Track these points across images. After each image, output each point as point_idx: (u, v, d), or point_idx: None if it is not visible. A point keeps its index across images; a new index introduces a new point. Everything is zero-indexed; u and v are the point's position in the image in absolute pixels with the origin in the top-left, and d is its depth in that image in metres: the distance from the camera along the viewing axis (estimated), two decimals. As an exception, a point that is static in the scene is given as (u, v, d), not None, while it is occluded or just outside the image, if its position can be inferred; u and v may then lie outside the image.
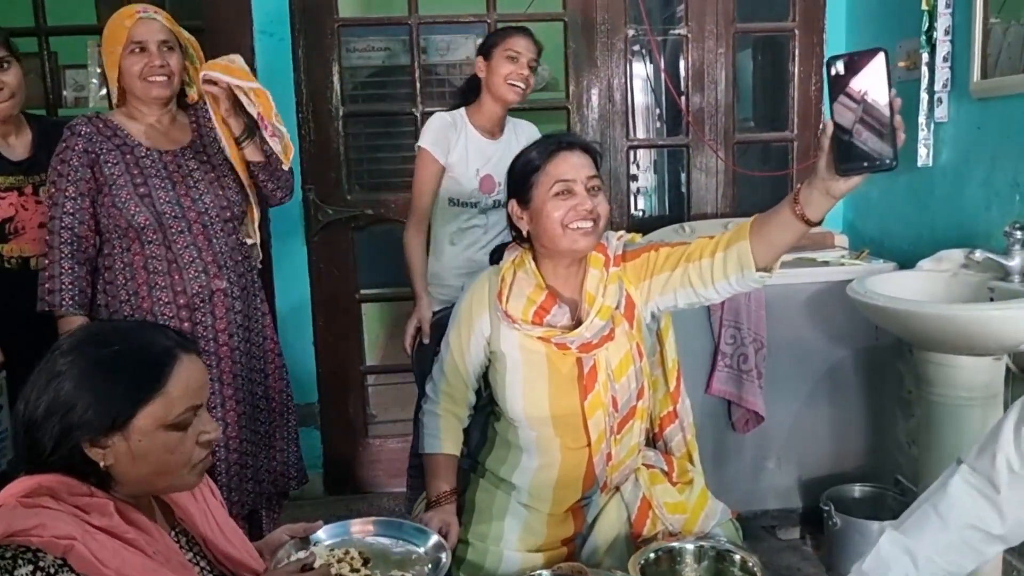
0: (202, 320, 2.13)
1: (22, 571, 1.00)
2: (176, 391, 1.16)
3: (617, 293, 1.71)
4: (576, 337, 1.68)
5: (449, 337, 1.84)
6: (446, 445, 1.83)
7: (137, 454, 1.14)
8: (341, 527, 1.49)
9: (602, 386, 1.71)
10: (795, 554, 2.65)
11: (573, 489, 1.79)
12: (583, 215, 1.63)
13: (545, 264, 1.75)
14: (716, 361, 2.61)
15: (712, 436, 2.66)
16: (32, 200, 2.23)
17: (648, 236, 2.75)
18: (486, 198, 2.44)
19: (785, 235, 1.50)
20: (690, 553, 1.67)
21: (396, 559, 1.43)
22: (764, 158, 3.48)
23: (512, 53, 2.37)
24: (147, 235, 2.07)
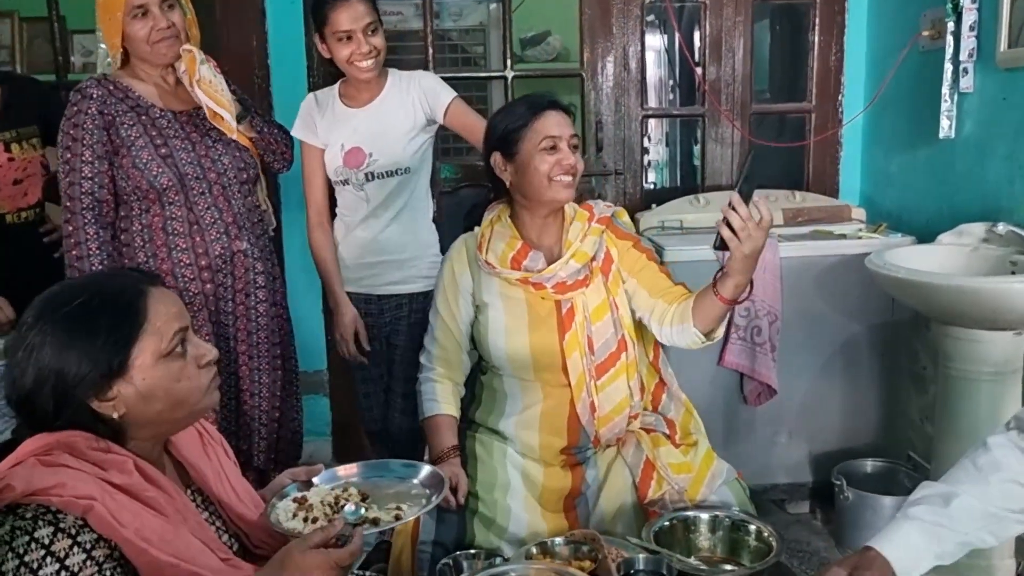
0: (223, 281, 2.12)
1: (42, 532, 1.00)
2: (159, 320, 1.16)
3: (596, 245, 1.83)
4: (551, 275, 1.80)
5: (436, 304, 1.94)
6: (444, 407, 1.89)
7: (146, 393, 1.14)
8: (332, 474, 1.52)
9: (579, 326, 1.81)
10: (804, 528, 2.64)
11: (558, 433, 1.84)
12: (567, 169, 1.77)
13: (522, 216, 1.87)
14: (729, 333, 2.58)
15: (723, 409, 2.64)
16: (4, 157, 2.21)
17: (651, 216, 2.72)
18: (355, 172, 2.23)
19: (709, 308, 1.71)
20: (704, 522, 1.66)
21: (392, 494, 1.46)
22: (780, 129, 3.43)
23: (340, 34, 2.14)
24: (168, 196, 2.04)
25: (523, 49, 4.09)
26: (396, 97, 2.25)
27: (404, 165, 2.23)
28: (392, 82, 2.26)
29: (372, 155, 2.21)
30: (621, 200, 3.11)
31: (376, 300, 2.32)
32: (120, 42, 2.01)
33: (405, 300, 2.32)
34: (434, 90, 2.26)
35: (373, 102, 2.25)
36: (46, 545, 1.00)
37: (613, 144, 3.09)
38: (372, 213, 2.25)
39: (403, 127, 2.23)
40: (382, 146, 2.21)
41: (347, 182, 2.25)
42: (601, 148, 3.08)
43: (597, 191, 3.11)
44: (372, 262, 2.28)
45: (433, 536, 1.72)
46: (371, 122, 2.22)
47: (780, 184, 2.99)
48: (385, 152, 2.22)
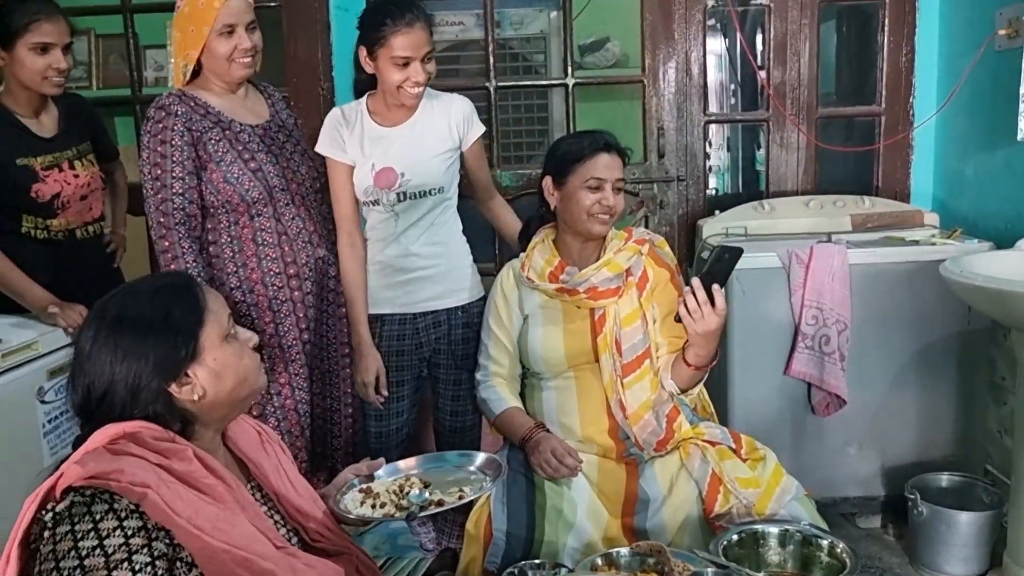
0: (311, 289, 2.17)
1: (97, 508, 1.06)
2: (214, 305, 1.27)
3: (631, 261, 1.96)
4: (583, 279, 1.93)
5: (488, 323, 2.08)
6: (513, 401, 2.02)
7: (218, 371, 1.23)
8: (393, 467, 1.62)
9: (609, 331, 1.94)
10: (876, 543, 2.56)
11: (599, 426, 1.93)
12: (605, 209, 1.92)
13: (564, 238, 2.02)
14: (796, 342, 2.53)
15: (790, 419, 2.59)
16: (71, 175, 2.27)
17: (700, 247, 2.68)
18: (386, 193, 2.13)
19: (680, 368, 1.87)
20: (774, 536, 1.62)
21: (452, 480, 1.55)
22: (848, 133, 3.35)
23: (400, 58, 2.02)
24: (257, 208, 2.09)
25: (582, 56, 4.08)
26: (430, 118, 2.17)
27: (438, 185, 2.15)
28: (426, 103, 2.17)
29: (404, 175, 2.12)
30: (683, 206, 3.08)
31: (412, 320, 2.21)
32: (197, 55, 2.04)
33: (443, 316, 2.22)
34: (471, 119, 2.21)
35: (406, 122, 2.15)
36: (96, 521, 1.05)
37: (675, 150, 3.05)
38: (404, 232, 2.17)
39: (437, 148, 2.16)
40: (415, 167, 2.13)
41: (377, 202, 2.15)
42: (663, 155, 3.05)
43: (659, 198, 3.08)
44: (405, 280, 2.19)
45: (505, 527, 1.75)
46: (404, 143, 2.14)
47: (849, 189, 2.92)
48: (418, 173, 2.13)
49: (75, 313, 2.10)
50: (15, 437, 1.89)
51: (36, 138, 2.23)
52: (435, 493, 1.49)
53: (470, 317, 2.21)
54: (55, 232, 2.26)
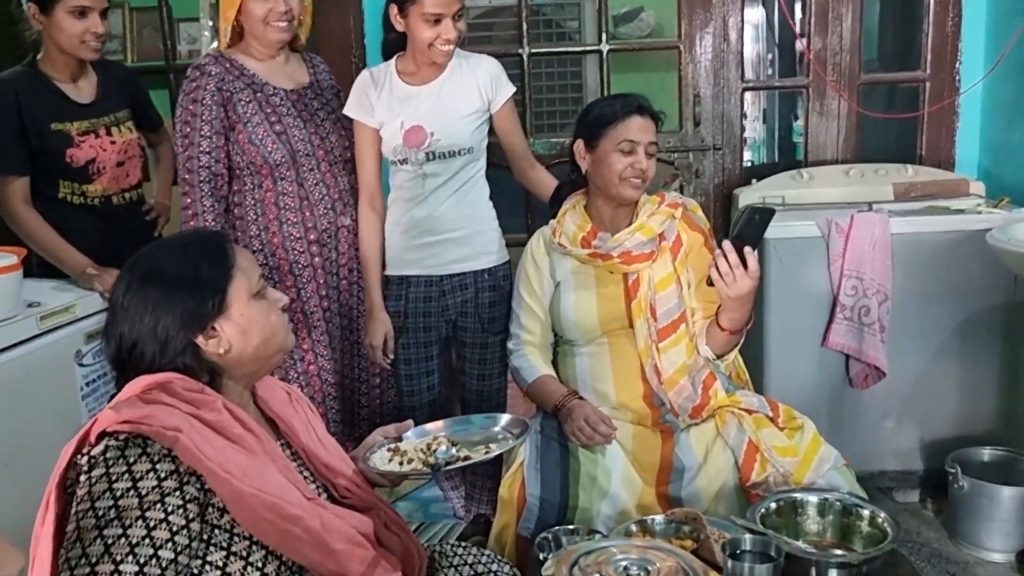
0: (328, 255, 2.17)
1: (131, 452, 1.08)
2: (244, 263, 1.28)
3: (664, 225, 1.92)
4: (616, 244, 1.90)
5: (519, 292, 2.05)
6: (544, 369, 2.00)
7: (244, 327, 1.25)
8: (420, 430, 1.62)
9: (643, 296, 1.91)
10: (914, 518, 2.52)
11: (633, 392, 1.91)
12: (637, 173, 1.88)
13: (596, 204, 1.99)
14: (834, 313, 2.48)
15: (827, 391, 2.55)
16: (107, 141, 2.28)
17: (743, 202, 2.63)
18: (415, 152, 2.12)
19: (714, 333, 1.83)
20: (813, 505, 1.59)
21: (479, 439, 1.58)
22: (891, 100, 3.26)
23: (429, 16, 2.00)
24: (280, 172, 2.10)
25: (616, 27, 4.01)
26: (459, 77, 2.15)
27: (467, 145, 2.14)
28: (455, 62, 2.15)
29: (434, 134, 2.10)
30: (719, 176, 3.03)
31: (438, 282, 2.19)
32: (235, 16, 2.07)
33: (470, 279, 2.20)
34: (499, 79, 2.18)
35: (435, 81, 2.14)
36: (129, 464, 1.07)
37: (711, 118, 3.00)
38: (432, 192, 2.15)
39: (466, 108, 2.14)
40: (444, 126, 2.11)
41: (405, 161, 2.13)
42: (699, 123, 2.99)
43: (695, 167, 3.03)
44: (432, 241, 2.17)
45: (539, 493, 1.74)
46: (433, 101, 2.12)
47: (891, 157, 2.85)
48: (447, 132, 2.11)
49: (111, 278, 2.11)
50: (54, 399, 1.91)
51: (73, 103, 2.24)
52: (462, 450, 1.52)
53: (496, 280, 2.20)
54: (92, 198, 2.27)
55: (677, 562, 1.39)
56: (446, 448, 1.51)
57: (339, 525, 1.24)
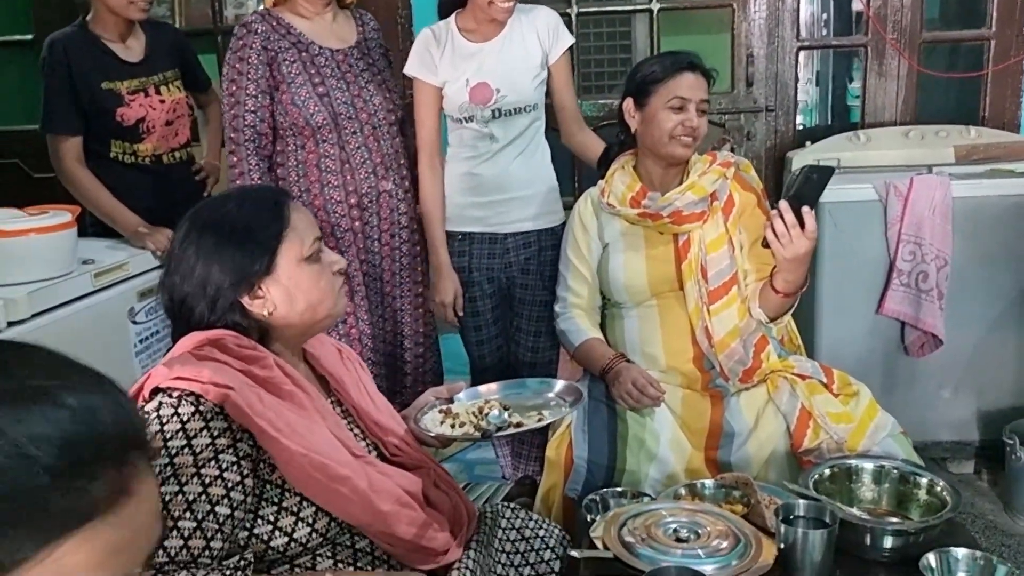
0: (370, 220, 2.16)
1: (183, 410, 1.09)
2: (300, 224, 1.25)
3: (716, 184, 1.86)
4: (667, 203, 1.84)
5: (567, 254, 2.01)
6: (591, 332, 1.97)
7: (291, 291, 1.23)
8: (473, 392, 1.62)
9: (694, 257, 1.86)
10: (969, 489, 2.46)
11: (683, 357, 1.87)
12: (688, 131, 1.83)
13: (645, 163, 1.93)
14: (891, 279, 2.41)
15: (881, 359, 2.49)
16: (156, 100, 2.29)
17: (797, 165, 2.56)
18: (481, 109, 2.10)
19: (768, 295, 1.77)
20: (868, 472, 1.55)
21: (531, 405, 1.55)
22: (953, 59, 3.14)
23: None
24: (322, 134, 2.09)
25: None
26: (519, 32, 2.13)
27: (532, 102, 2.13)
28: (515, 17, 2.12)
29: (500, 91, 2.09)
30: (772, 138, 2.95)
31: (502, 239, 2.19)
32: None
33: (533, 237, 2.21)
34: (557, 29, 2.15)
35: (497, 37, 2.12)
36: (183, 422, 1.08)
37: (764, 79, 2.92)
38: (499, 151, 2.14)
39: (529, 62, 2.13)
40: (510, 82, 2.11)
41: (471, 119, 2.12)
42: (751, 84, 2.92)
43: (747, 129, 2.95)
44: (499, 200, 2.16)
45: (586, 455, 1.73)
46: (497, 57, 2.11)
47: (952, 119, 2.75)
48: (513, 88, 2.11)
49: (163, 236, 2.13)
50: (108, 355, 1.95)
51: (122, 63, 2.25)
52: (514, 416, 1.49)
53: (557, 239, 2.17)
54: (142, 157, 2.29)
55: (727, 526, 1.38)
56: (498, 413, 1.48)
57: (387, 485, 1.24)
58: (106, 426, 0.57)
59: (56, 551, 0.52)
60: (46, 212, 1.88)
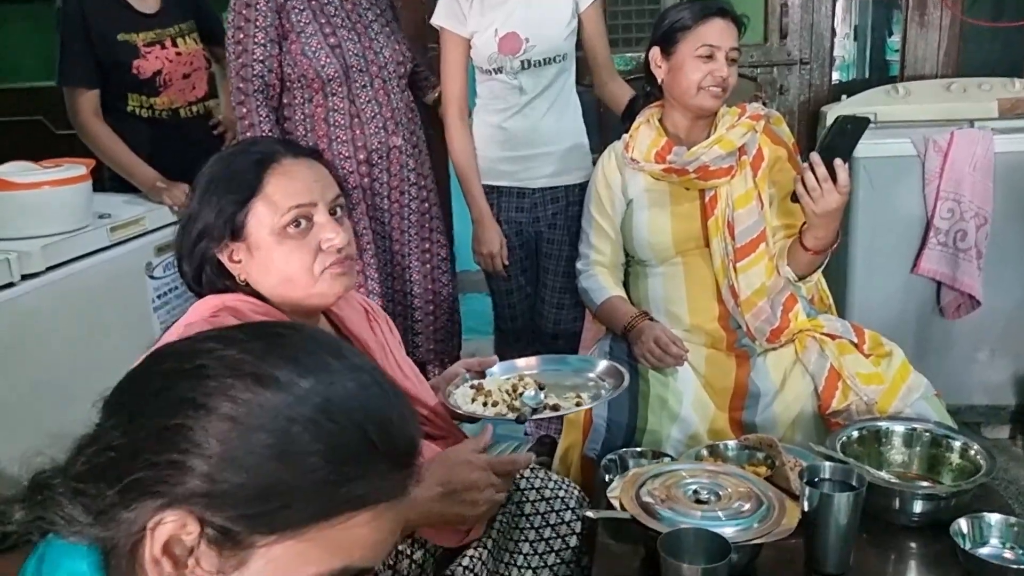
0: (379, 176, 2.11)
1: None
2: (276, 193, 1.15)
3: (744, 137, 1.78)
4: (693, 158, 1.76)
5: (589, 210, 1.95)
6: (614, 289, 1.91)
7: (260, 264, 1.16)
8: (509, 365, 1.53)
9: (720, 213, 1.79)
10: (1003, 454, 2.40)
11: (707, 315, 1.82)
12: (718, 81, 1.74)
13: (672, 116, 1.86)
14: (927, 237, 2.34)
15: (915, 320, 2.42)
16: (173, 52, 2.26)
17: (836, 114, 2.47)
18: (510, 59, 2.07)
19: (797, 253, 1.71)
20: (899, 435, 1.49)
21: (569, 384, 1.46)
22: (998, 7, 3.00)
23: None
24: (332, 87, 2.03)
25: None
26: None
27: (561, 52, 2.09)
28: None
29: (529, 41, 2.05)
30: (806, 92, 2.85)
31: (531, 194, 2.18)
32: None
33: (561, 192, 2.18)
34: None
35: None
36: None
37: (799, 30, 2.81)
38: (528, 103, 2.10)
39: (559, 11, 2.08)
40: (540, 31, 2.06)
41: (500, 70, 2.08)
42: (785, 35, 2.81)
43: (779, 82, 2.86)
44: (528, 155, 2.13)
45: (606, 414, 1.69)
46: (526, 6, 2.06)
47: (996, 71, 2.63)
48: (543, 38, 2.06)
49: (180, 191, 2.11)
50: (126, 311, 1.94)
51: (138, 14, 2.22)
52: (550, 396, 1.41)
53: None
54: (159, 111, 2.27)
55: (750, 488, 1.34)
56: (533, 393, 1.40)
57: None
58: (413, 427, 0.66)
59: (354, 519, 0.60)
60: (60, 165, 1.86)
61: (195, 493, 0.57)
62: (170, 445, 0.57)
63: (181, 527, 0.57)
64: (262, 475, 0.57)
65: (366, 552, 0.62)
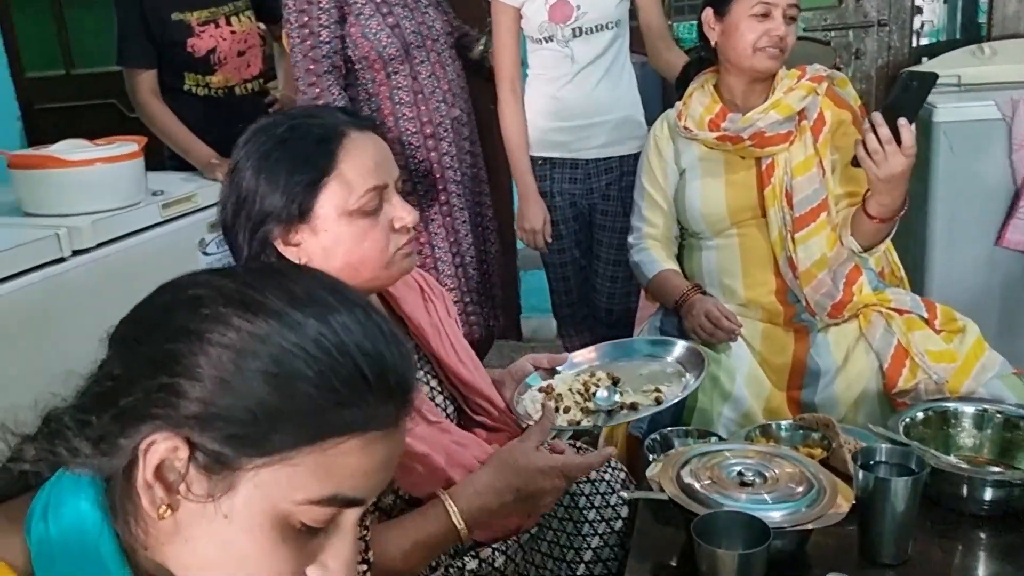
0: (448, 150, 2.12)
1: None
2: (350, 171, 1.06)
3: (804, 101, 1.68)
4: (748, 124, 1.67)
5: (642, 182, 1.87)
6: (666, 263, 1.83)
7: (328, 247, 1.07)
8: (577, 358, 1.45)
9: (778, 181, 1.70)
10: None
11: (764, 288, 1.73)
12: (774, 41, 1.65)
13: (727, 81, 1.76)
14: (1015, 207, 2.19)
15: (999, 296, 2.29)
16: (227, 30, 2.27)
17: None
18: (560, 28, 2.02)
19: (861, 222, 1.60)
20: (969, 417, 1.38)
21: (646, 375, 1.38)
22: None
23: None
24: (393, 66, 2.04)
25: None
26: None
27: (613, 18, 2.03)
28: None
29: (580, 8, 2.01)
30: (884, 55, 2.69)
31: (583, 165, 2.13)
32: None
33: (615, 163, 2.13)
34: None
35: None
36: None
37: (877, -11, 2.65)
38: (581, 72, 2.06)
39: None
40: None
41: (551, 39, 2.05)
42: (862, -6, 2.65)
43: (855, 46, 2.70)
44: (582, 125, 2.09)
45: None
46: None
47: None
48: (594, 4, 2.01)
49: None
50: (179, 286, 1.96)
51: None
52: (626, 393, 1.32)
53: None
54: (215, 89, 2.29)
55: (800, 470, 1.25)
56: (606, 394, 1.31)
57: (462, 457, 1.16)
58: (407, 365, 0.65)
59: (342, 445, 0.60)
60: (113, 143, 1.88)
61: (186, 416, 0.58)
62: (164, 371, 0.59)
63: (172, 451, 0.59)
64: (252, 399, 0.58)
65: (356, 482, 0.62)
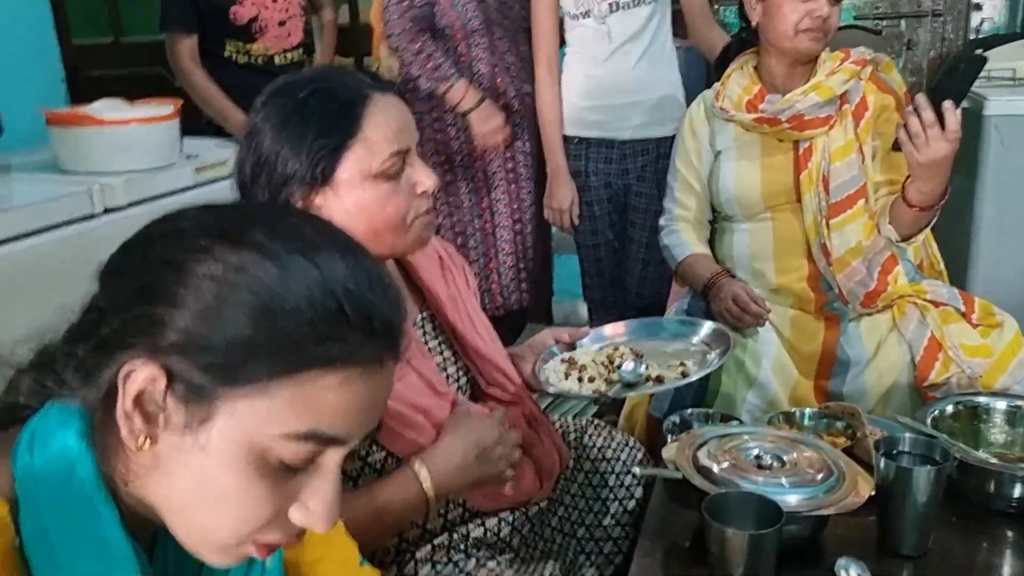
0: (520, 123, 2.16)
1: None
2: (375, 134, 1.04)
3: (846, 84, 1.64)
4: (787, 106, 1.63)
5: (675, 164, 1.84)
6: (696, 246, 1.80)
7: (350, 210, 1.05)
8: (597, 332, 1.44)
9: (815, 166, 1.65)
10: None
11: (796, 274, 1.69)
12: (817, 22, 1.59)
13: (767, 62, 1.71)
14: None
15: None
16: (270, 0, 2.28)
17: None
18: (597, 3, 2.02)
19: (900, 210, 1.55)
20: (1001, 412, 1.33)
21: (671, 352, 1.36)
22: None
23: None
24: (475, 39, 2.08)
25: None
26: None
27: None
28: None
29: None
30: (937, 47, 2.61)
31: (619, 145, 2.11)
32: None
33: (652, 144, 2.11)
34: None
35: None
36: None
37: (932, -23, 2.57)
38: (618, 49, 2.04)
39: None
40: None
41: (587, 14, 2.04)
42: (916, -17, 2.57)
43: (907, 36, 2.62)
44: (618, 104, 2.08)
45: None
46: None
47: None
48: None
49: None
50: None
51: None
52: (651, 367, 1.30)
53: None
54: (255, 57, 2.32)
55: (821, 456, 1.22)
56: (632, 367, 1.28)
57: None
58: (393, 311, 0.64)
59: (321, 380, 0.59)
60: (150, 104, 1.90)
61: (164, 345, 0.59)
62: (144, 300, 0.60)
63: (151, 380, 0.59)
64: (230, 329, 0.58)
65: (335, 420, 0.61)
